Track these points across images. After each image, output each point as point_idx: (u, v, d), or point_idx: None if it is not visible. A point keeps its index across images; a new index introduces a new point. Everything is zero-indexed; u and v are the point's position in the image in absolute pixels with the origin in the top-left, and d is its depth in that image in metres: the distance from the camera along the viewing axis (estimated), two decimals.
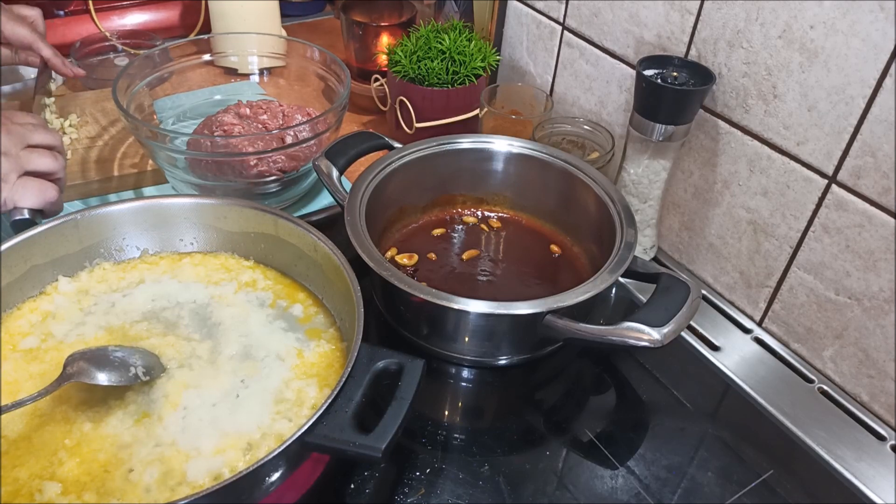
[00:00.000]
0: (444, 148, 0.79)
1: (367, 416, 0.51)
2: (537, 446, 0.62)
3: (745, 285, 0.76)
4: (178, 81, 0.93)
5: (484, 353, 0.68)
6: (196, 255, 0.70)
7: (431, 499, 0.57)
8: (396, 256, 0.76)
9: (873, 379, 0.66)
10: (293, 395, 0.57)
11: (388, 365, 0.54)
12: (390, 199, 0.77)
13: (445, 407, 0.67)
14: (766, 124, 0.68)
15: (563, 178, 0.78)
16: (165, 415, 0.55)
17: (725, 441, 0.64)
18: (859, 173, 0.62)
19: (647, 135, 0.72)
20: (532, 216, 0.83)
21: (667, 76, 0.70)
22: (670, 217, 0.82)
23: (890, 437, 0.65)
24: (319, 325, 0.64)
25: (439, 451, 0.61)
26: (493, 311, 0.60)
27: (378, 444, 0.48)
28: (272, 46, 0.96)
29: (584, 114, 0.91)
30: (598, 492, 0.58)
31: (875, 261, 0.63)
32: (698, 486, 0.59)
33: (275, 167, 0.80)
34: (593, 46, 0.86)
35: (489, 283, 0.75)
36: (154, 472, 0.51)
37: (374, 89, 1.01)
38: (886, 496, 0.60)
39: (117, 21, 1.16)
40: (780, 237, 0.71)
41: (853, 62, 0.59)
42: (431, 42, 0.93)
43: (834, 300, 0.67)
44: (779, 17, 0.64)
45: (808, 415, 0.66)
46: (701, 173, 0.77)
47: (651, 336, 0.57)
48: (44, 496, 0.49)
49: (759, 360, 0.72)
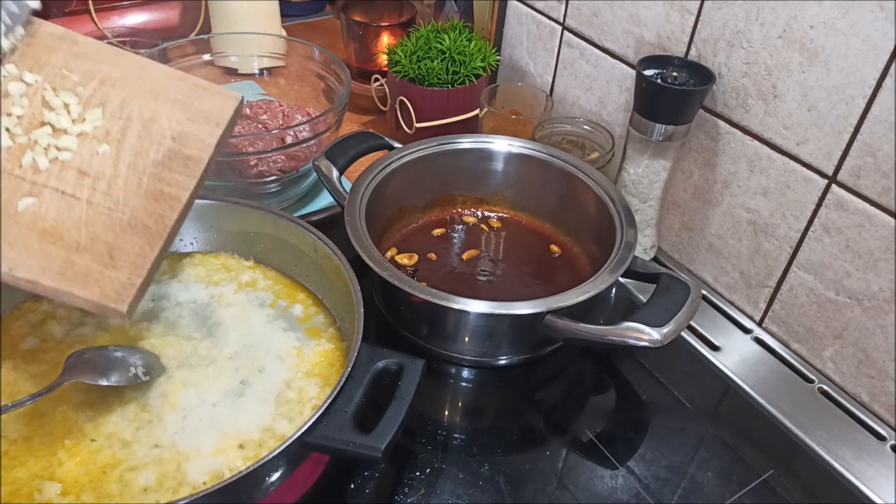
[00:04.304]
0: (444, 148, 0.79)
1: (367, 416, 0.51)
2: (537, 446, 0.62)
3: (745, 285, 0.76)
4: None
5: (484, 353, 0.68)
6: (196, 255, 0.70)
7: (431, 499, 0.57)
8: (396, 256, 0.76)
9: (873, 379, 0.66)
10: (293, 394, 0.57)
11: (388, 365, 0.54)
12: (390, 199, 0.77)
13: (445, 407, 0.67)
14: (766, 124, 0.68)
15: (563, 178, 0.78)
16: (165, 415, 0.55)
17: (725, 441, 0.64)
18: (859, 173, 0.62)
19: (647, 135, 0.72)
20: (532, 216, 0.83)
21: (667, 76, 0.70)
22: (670, 217, 0.82)
23: (890, 437, 0.65)
24: (319, 325, 0.64)
25: (439, 451, 0.61)
26: (493, 311, 0.60)
27: (378, 444, 0.48)
28: (272, 46, 0.96)
29: (584, 114, 0.91)
30: (598, 492, 0.58)
31: (875, 261, 0.63)
32: (698, 486, 0.59)
33: (275, 167, 0.80)
34: (593, 46, 0.86)
35: (489, 283, 0.75)
36: (154, 472, 0.51)
37: (374, 89, 1.01)
38: (886, 496, 0.60)
39: (117, 21, 1.16)
40: (780, 237, 0.71)
41: (853, 62, 0.59)
42: (431, 42, 0.93)
43: (834, 300, 0.67)
44: (779, 17, 0.64)
45: (808, 415, 0.66)
46: (701, 173, 0.77)
47: (651, 336, 0.57)
48: (43, 496, 0.49)
49: (759, 360, 0.72)
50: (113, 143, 0.56)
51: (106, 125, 0.56)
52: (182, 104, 0.59)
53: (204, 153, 0.58)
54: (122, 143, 0.56)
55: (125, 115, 0.57)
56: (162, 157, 0.56)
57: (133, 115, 0.57)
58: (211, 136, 0.58)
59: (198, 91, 0.60)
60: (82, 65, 0.58)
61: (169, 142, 0.57)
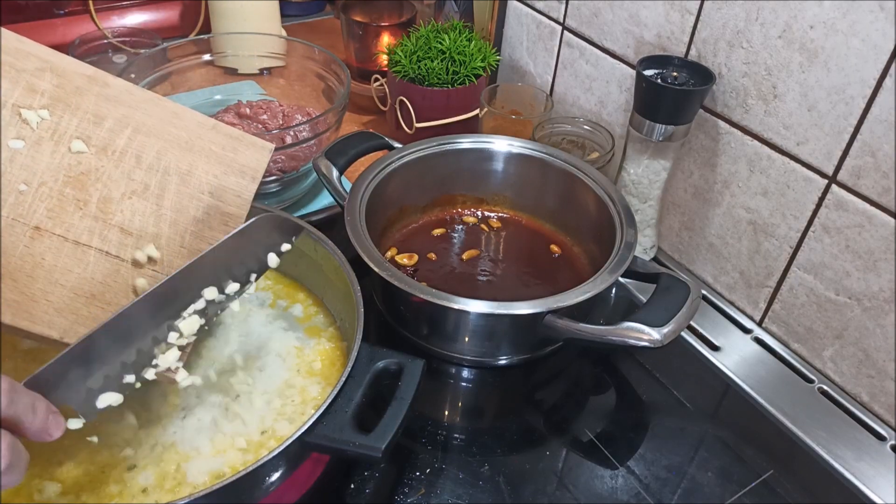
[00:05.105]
0: (444, 148, 0.79)
1: (367, 416, 0.51)
2: (537, 446, 0.62)
3: (745, 285, 0.76)
4: (177, 81, 0.93)
5: (484, 353, 0.68)
6: None
7: (431, 499, 0.57)
8: (396, 256, 0.76)
9: (873, 379, 0.66)
10: (293, 394, 0.57)
11: (388, 365, 0.54)
12: (390, 199, 0.77)
13: (445, 407, 0.67)
14: (766, 124, 0.68)
15: (563, 178, 0.78)
16: (165, 415, 0.55)
17: (725, 441, 0.64)
18: (859, 173, 0.62)
19: (647, 135, 0.72)
20: (532, 216, 0.83)
21: (667, 76, 0.70)
22: (670, 217, 0.82)
23: (890, 437, 0.65)
24: (319, 325, 0.64)
25: (439, 451, 0.61)
26: (493, 311, 0.60)
27: (378, 444, 0.48)
28: (272, 46, 0.96)
29: (584, 114, 0.91)
30: (598, 492, 0.58)
31: (875, 261, 0.63)
32: (698, 486, 0.59)
33: (275, 167, 0.80)
34: (593, 46, 0.86)
35: (489, 283, 0.75)
36: (153, 472, 0.51)
37: (374, 89, 1.01)
38: (886, 496, 0.60)
39: (117, 21, 1.16)
40: (780, 237, 0.71)
41: (853, 62, 0.59)
42: (431, 42, 0.93)
43: (834, 300, 0.67)
44: (779, 17, 0.64)
45: (808, 415, 0.66)
46: (701, 173, 0.77)
47: (651, 336, 0.57)
48: (43, 496, 0.49)
49: (759, 360, 0.72)
50: (152, 198, 0.54)
51: (144, 179, 0.54)
52: (217, 157, 0.58)
53: (241, 210, 0.57)
54: (161, 198, 0.54)
55: (162, 168, 0.55)
56: (202, 213, 0.55)
57: (170, 167, 0.55)
58: (247, 192, 0.58)
59: (232, 142, 0.59)
60: (115, 110, 0.55)
61: (207, 197, 0.56)
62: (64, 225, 0.50)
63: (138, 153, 0.55)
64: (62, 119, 0.53)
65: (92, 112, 0.55)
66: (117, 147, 0.54)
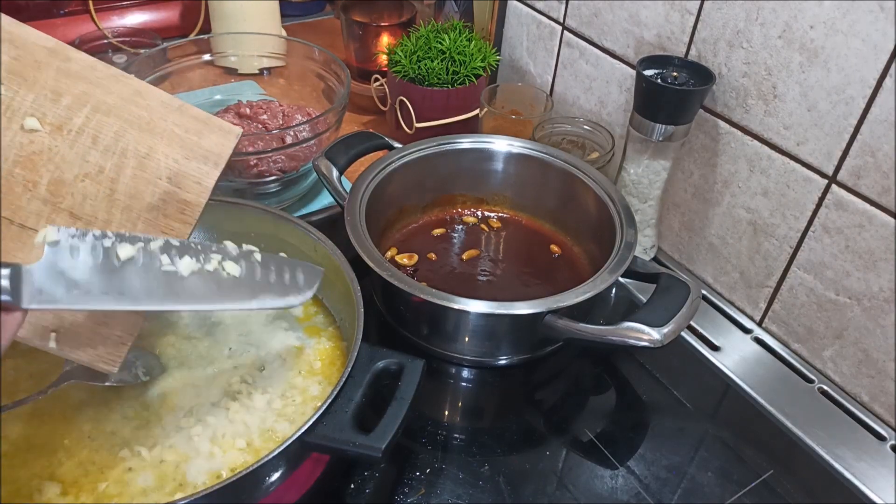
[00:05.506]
0: (444, 148, 0.79)
1: (367, 416, 0.51)
2: (537, 446, 0.62)
3: (745, 285, 0.76)
4: (177, 81, 0.93)
5: (484, 353, 0.68)
6: None
7: (431, 499, 0.57)
8: (396, 256, 0.76)
9: (873, 379, 0.66)
10: (293, 394, 0.57)
11: (388, 365, 0.54)
12: (390, 199, 0.77)
13: (445, 407, 0.67)
14: (765, 124, 0.68)
15: (563, 178, 0.78)
16: (165, 415, 0.55)
17: (725, 441, 0.64)
18: (859, 173, 0.62)
19: (647, 135, 0.72)
20: (532, 216, 0.83)
21: (667, 76, 0.70)
22: (670, 217, 0.82)
23: (890, 437, 0.65)
24: (319, 324, 0.64)
25: (439, 451, 0.61)
26: (493, 311, 0.60)
27: (378, 444, 0.48)
28: (272, 46, 0.96)
29: (584, 114, 0.91)
30: (598, 492, 0.58)
31: (875, 261, 0.63)
32: (698, 486, 0.59)
33: (275, 167, 0.80)
34: (593, 46, 0.86)
35: (489, 283, 0.75)
36: (153, 472, 0.51)
37: (374, 89, 1.01)
38: (886, 496, 0.60)
39: (117, 21, 1.16)
40: (780, 237, 0.71)
41: (853, 62, 0.59)
42: (431, 42, 0.93)
43: (834, 300, 0.67)
44: (779, 17, 0.64)
45: (808, 415, 0.66)
46: (701, 173, 0.77)
47: (651, 336, 0.57)
48: (43, 496, 0.49)
49: (758, 360, 0.72)
50: (106, 182, 0.51)
51: (99, 161, 0.51)
52: (180, 139, 0.54)
53: (201, 197, 0.53)
54: (116, 182, 0.51)
55: (119, 150, 0.52)
56: (157, 200, 0.52)
57: (128, 149, 0.52)
58: (208, 178, 0.54)
59: (197, 125, 0.55)
60: (74, 87, 0.52)
61: (165, 183, 0.52)
62: (10, 207, 0.48)
63: (95, 133, 0.51)
64: (17, 94, 0.50)
65: (50, 88, 0.51)
66: (73, 126, 0.51)
